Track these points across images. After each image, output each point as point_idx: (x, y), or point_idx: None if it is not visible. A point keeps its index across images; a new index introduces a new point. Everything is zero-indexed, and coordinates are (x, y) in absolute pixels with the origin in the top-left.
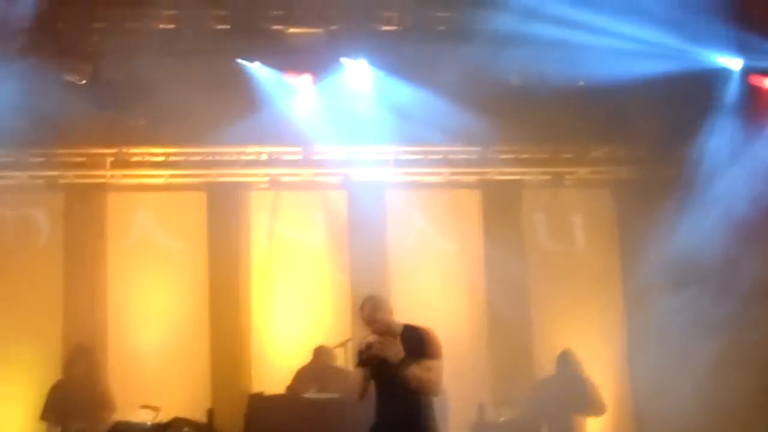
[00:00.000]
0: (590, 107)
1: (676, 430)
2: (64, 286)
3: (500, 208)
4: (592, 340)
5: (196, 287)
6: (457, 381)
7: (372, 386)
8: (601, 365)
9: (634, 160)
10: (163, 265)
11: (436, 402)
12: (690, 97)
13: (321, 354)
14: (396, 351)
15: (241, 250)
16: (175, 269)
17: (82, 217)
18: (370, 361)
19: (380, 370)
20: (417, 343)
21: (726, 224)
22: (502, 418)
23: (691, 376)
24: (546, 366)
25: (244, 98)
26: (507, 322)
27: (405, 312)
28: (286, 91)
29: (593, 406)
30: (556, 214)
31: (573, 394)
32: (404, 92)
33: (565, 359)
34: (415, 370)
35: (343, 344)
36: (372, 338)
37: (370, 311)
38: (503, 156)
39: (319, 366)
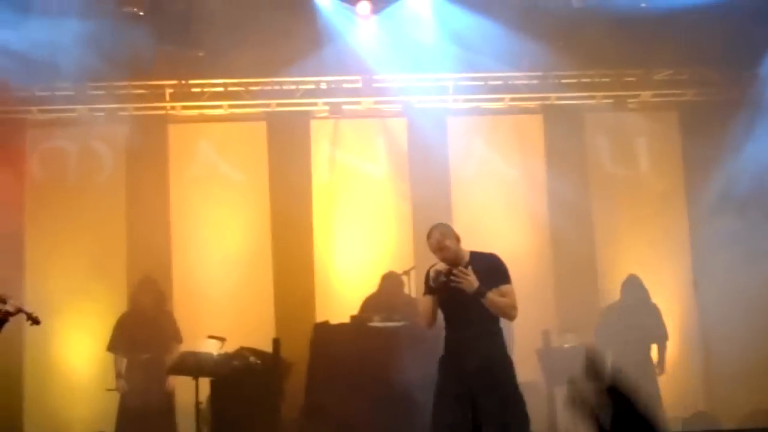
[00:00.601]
0: (653, 29)
1: (742, 357)
2: (128, 218)
3: (562, 133)
4: (656, 266)
5: (258, 217)
6: (521, 308)
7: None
8: (667, 291)
9: (698, 82)
10: (225, 196)
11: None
12: (756, 16)
13: (389, 281)
14: (471, 280)
15: (302, 180)
16: (237, 200)
17: (144, 149)
18: (440, 289)
19: (450, 299)
20: (487, 270)
21: None
22: (566, 345)
23: (757, 302)
24: (611, 292)
25: (305, 27)
26: (571, 248)
27: (467, 239)
28: (346, 19)
29: (658, 333)
30: (620, 138)
31: (638, 320)
32: (464, 19)
33: (631, 285)
34: (492, 297)
35: (406, 273)
36: (441, 266)
37: (438, 239)
38: (565, 81)
39: (386, 294)
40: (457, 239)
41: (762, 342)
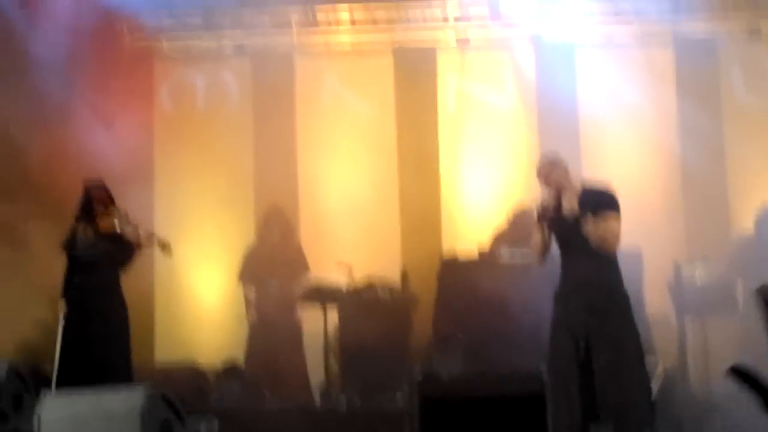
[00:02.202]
0: None
1: None
2: (255, 149)
3: (694, 64)
4: None
5: (384, 150)
6: (651, 239)
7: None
8: None
9: None
10: (351, 127)
11: (631, 261)
12: None
13: (519, 213)
14: (572, 206)
15: (428, 112)
16: (364, 132)
17: (271, 81)
18: (547, 218)
19: (562, 232)
20: (594, 198)
21: None
22: (698, 276)
23: None
24: (743, 224)
25: None
26: (702, 180)
27: (596, 171)
28: None
29: None
30: (754, 68)
31: None
32: None
33: (764, 216)
34: (592, 224)
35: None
36: (548, 199)
37: (547, 170)
38: (697, 13)
39: (517, 226)
40: (566, 170)
41: None
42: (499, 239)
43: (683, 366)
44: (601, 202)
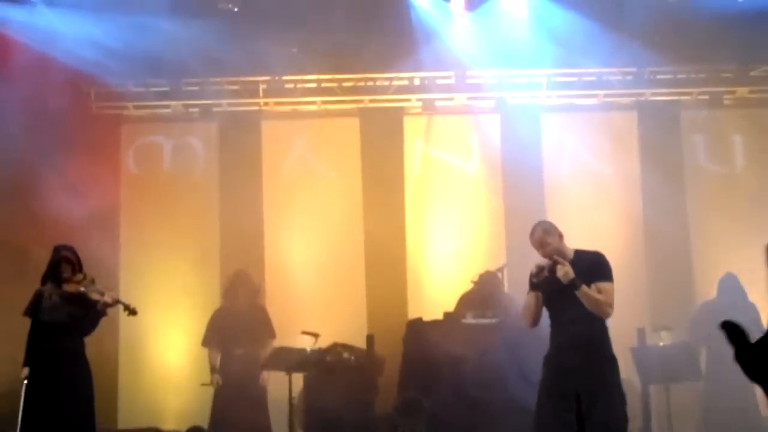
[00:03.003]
0: (750, 24)
1: None
2: (221, 214)
3: (657, 130)
4: (753, 265)
5: (350, 213)
6: (615, 305)
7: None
8: (764, 290)
9: None
10: (317, 192)
11: None
12: None
13: (486, 279)
14: (567, 270)
15: (394, 176)
16: (330, 195)
17: (237, 145)
18: (541, 284)
19: (553, 295)
20: (588, 266)
21: None
22: (661, 343)
23: None
24: (706, 290)
25: (399, 24)
26: (665, 246)
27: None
28: (440, 15)
29: (757, 331)
30: (716, 134)
31: (735, 318)
32: (559, 15)
33: (727, 283)
34: (586, 290)
35: (499, 270)
36: (543, 262)
37: (540, 235)
38: (659, 77)
39: (483, 292)
40: (560, 236)
41: None
42: (468, 303)
43: (647, 430)
44: (595, 269)
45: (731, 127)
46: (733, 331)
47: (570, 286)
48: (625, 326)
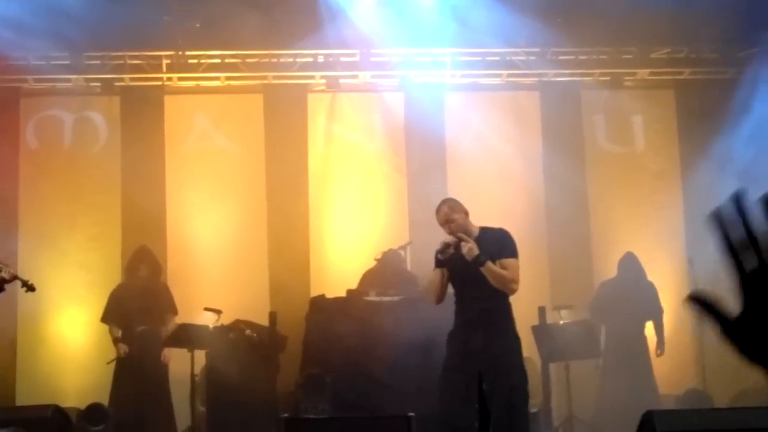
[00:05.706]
0: (651, 7)
1: None
2: (123, 189)
3: (559, 110)
4: (651, 244)
5: (253, 189)
6: None
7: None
8: (662, 269)
9: (695, 60)
10: (220, 168)
11: None
12: None
13: (389, 257)
14: (471, 247)
15: (298, 153)
16: (233, 172)
17: (140, 120)
18: (447, 261)
19: (458, 272)
20: (493, 242)
21: None
22: (561, 321)
23: None
24: (605, 269)
25: (303, 0)
26: (565, 225)
27: None
28: None
29: (654, 309)
30: (616, 115)
31: (634, 296)
32: None
33: (627, 263)
34: (491, 266)
35: (402, 248)
36: (449, 238)
37: (446, 212)
38: (562, 57)
39: (386, 269)
40: (466, 213)
41: None
42: (371, 281)
43: (547, 407)
44: (500, 245)
45: (632, 108)
46: (706, 304)
47: (475, 263)
48: (526, 304)
